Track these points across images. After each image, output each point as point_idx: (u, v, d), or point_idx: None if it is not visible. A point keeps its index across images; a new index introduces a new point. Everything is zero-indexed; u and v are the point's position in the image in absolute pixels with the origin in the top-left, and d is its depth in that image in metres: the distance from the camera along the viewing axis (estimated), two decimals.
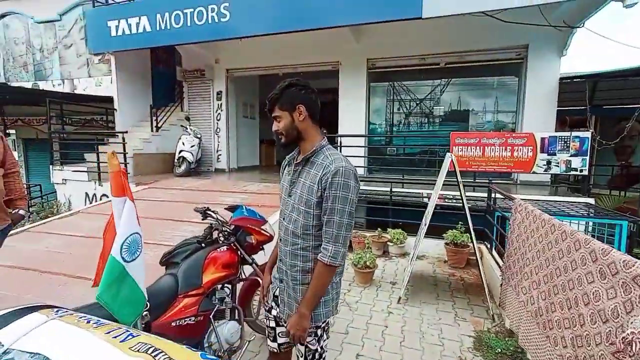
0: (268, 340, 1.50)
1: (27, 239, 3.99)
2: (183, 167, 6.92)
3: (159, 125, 7.35)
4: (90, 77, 9.10)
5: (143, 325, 1.48)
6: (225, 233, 2.06)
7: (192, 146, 7.02)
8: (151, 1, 6.47)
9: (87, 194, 6.26)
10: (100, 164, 6.07)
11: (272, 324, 1.48)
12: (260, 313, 2.37)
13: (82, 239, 3.82)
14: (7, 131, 11.30)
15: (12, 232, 4.18)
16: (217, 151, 8.20)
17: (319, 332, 1.35)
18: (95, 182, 6.15)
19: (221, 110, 8.03)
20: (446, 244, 3.95)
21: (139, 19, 6.27)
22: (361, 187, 5.37)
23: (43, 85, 9.65)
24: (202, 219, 2.16)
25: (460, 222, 3.97)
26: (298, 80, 1.29)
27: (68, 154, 7.30)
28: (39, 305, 0.94)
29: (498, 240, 3.75)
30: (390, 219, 4.76)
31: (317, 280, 1.24)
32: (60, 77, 9.52)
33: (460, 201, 4.69)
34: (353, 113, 6.89)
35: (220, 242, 2.04)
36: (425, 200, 4.75)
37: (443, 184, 3.12)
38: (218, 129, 8.13)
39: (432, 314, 2.80)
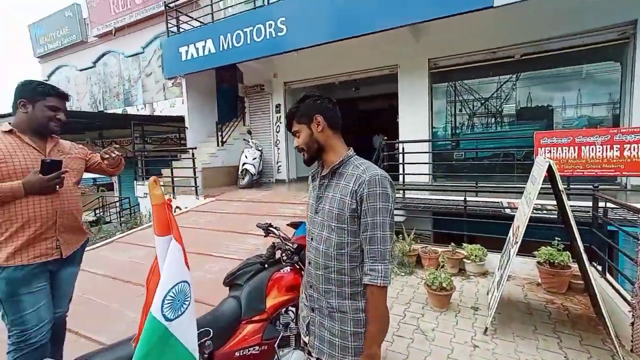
0: None
1: (115, 249, 4.41)
2: (246, 179, 7.18)
3: (224, 140, 7.78)
4: (165, 99, 10.13)
5: (206, 356, 1.38)
6: (289, 252, 1.92)
7: (254, 158, 7.27)
8: (215, 25, 6.93)
9: None
10: (174, 179, 6.59)
11: None
12: None
13: None
14: None
15: (103, 242, 4.71)
16: (277, 162, 8.40)
17: None
18: (170, 195, 6.67)
19: (280, 123, 8.22)
20: (539, 263, 3.33)
21: (205, 42, 6.75)
22: (426, 197, 4.90)
23: (130, 110, 11.02)
24: (265, 236, 2.06)
25: (556, 238, 3.33)
26: (313, 92, 1.25)
27: (149, 170, 8.11)
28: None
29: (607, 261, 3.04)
30: (465, 232, 4.23)
31: (376, 308, 1.09)
32: (143, 102, 10.78)
33: (553, 212, 3.99)
34: (414, 117, 6.47)
35: (283, 261, 1.90)
36: (508, 211, 4.13)
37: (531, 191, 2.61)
38: (278, 141, 8.33)
39: (531, 353, 2.30)
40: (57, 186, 1.64)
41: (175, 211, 6.47)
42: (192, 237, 4.46)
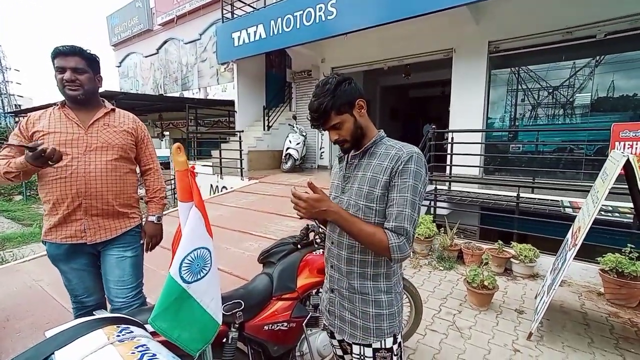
0: None
1: (167, 221, 4.80)
2: (289, 163, 7.33)
3: (270, 125, 7.99)
4: (218, 84, 10.62)
5: (237, 325, 1.45)
6: (323, 235, 1.93)
7: (297, 144, 7.37)
8: (266, 10, 7.02)
9: (211, 186, 7.26)
10: (222, 160, 6.94)
11: (339, 352, 1.28)
12: None
13: None
14: (164, 132, 14.29)
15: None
16: (321, 149, 8.43)
17: (395, 348, 1.13)
18: (217, 175, 7.08)
19: None
20: (603, 271, 2.96)
21: (256, 27, 6.88)
22: (475, 191, 4.58)
23: (186, 94, 11.75)
24: (300, 218, 2.08)
25: (629, 245, 2.92)
26: (339, 75, 1.12)
27: (201, 151, 8.64)
28: (110, 317, 0.93)
29: None
30: (515, 230, 3.90)
31: (365, 230, 1.01)
32: (198, 86, 11.41)
33: (628, 216, 3.50)
34: (468, 105, 6.02)
35: (316, 244, 1.92)
36: (569, 211, 3.71)
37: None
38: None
39: None
40: (50, 162, 1.39)
41: (221, 190, 6.86)
42: (235, 215, 4.70)
